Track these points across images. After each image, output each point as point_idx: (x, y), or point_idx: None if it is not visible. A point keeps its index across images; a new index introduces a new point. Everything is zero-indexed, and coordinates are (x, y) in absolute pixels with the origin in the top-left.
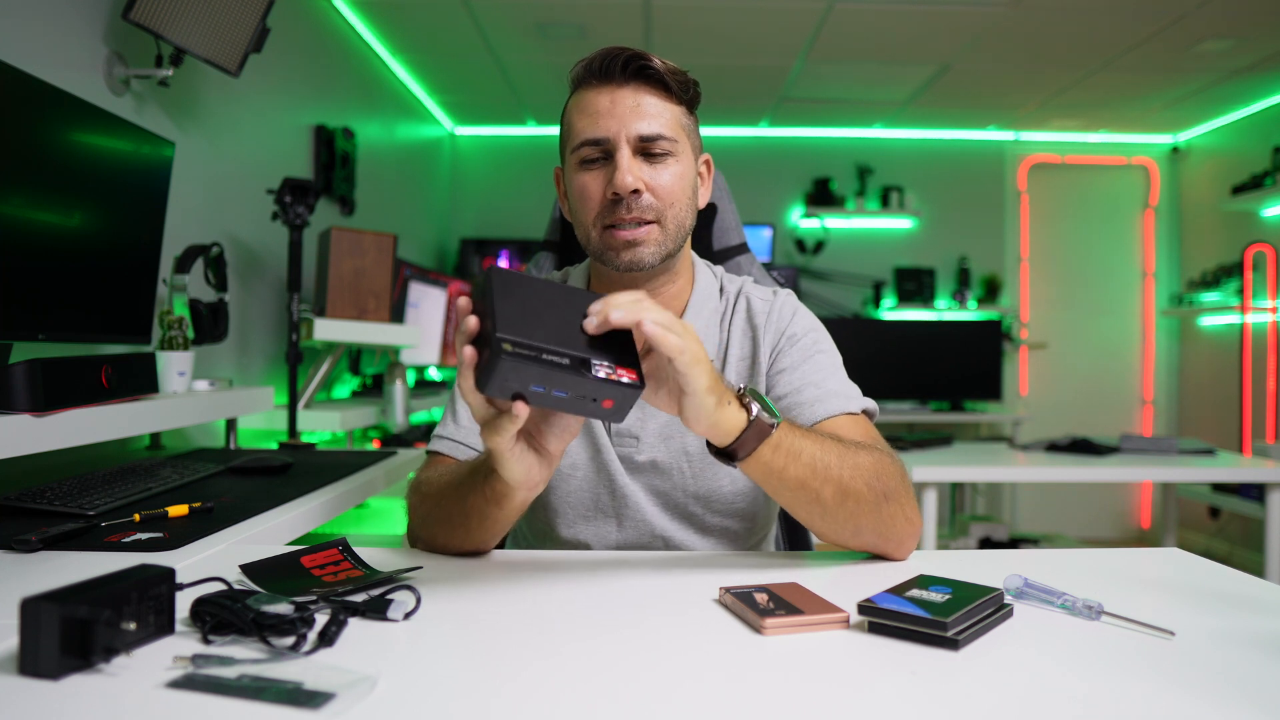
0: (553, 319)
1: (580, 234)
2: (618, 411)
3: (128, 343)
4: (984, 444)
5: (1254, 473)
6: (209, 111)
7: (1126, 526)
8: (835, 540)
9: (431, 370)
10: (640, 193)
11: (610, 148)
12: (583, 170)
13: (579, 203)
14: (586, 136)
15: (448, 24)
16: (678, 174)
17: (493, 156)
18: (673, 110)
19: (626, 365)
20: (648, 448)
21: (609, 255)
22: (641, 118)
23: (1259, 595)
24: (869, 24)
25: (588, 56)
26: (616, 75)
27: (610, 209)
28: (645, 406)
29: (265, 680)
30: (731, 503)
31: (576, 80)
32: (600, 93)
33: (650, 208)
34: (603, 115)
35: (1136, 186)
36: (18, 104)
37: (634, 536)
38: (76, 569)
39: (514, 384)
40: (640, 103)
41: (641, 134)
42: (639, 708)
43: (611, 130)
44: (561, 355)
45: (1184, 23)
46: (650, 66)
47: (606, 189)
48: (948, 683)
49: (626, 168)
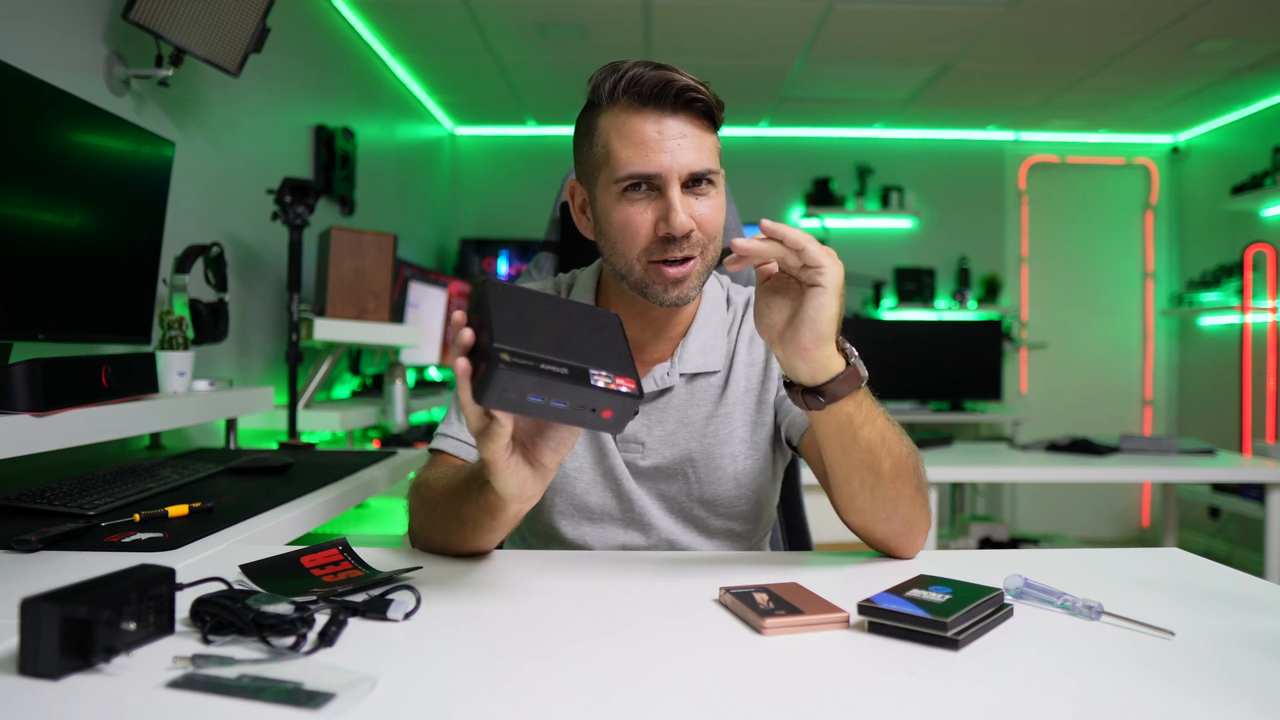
0: (550, 330)
1: (618, 264)
2: (617, 422)
3: (128, 343)
4: (984, 444)
5: (1254, 473)
6: (209, 111)
7: (1126, 526)
8: (865, 518)
9: (431, 370)
10: (691, 231)
11: (660, 184)
12: (626, 202)
13: (621, 234)
14: (635, 170)
15: (448, 24)
16: (718, 205)
17: (493, 156)
18: (712, 139)
19: (624, 375)
20: (652, 453)
21: (654, 290)
22: (689, 152)
23: (1259, 595)
24: (869, 24)
25: (628, 71)
26: (667, 104)
27: (660, 247)
28: (651, 413)
29: (265, 680)
30: (735, 506)
31: (613, 94)
32: (646, 120)
33: (698, 243)
34: (652, 149)
35: (1136, 186)
36: (18, 104)
37: (639, 540)
38: (76, 569)
39: (512, 394)
40: (687, 134)
41: (694, 171)
42: (639, 708)
43: (664, 166)
44: (560, 365)
45: (1184, 23)
46: (699, 97)
47: (657, 226)
48: (948, 683)
49: (680, 207)
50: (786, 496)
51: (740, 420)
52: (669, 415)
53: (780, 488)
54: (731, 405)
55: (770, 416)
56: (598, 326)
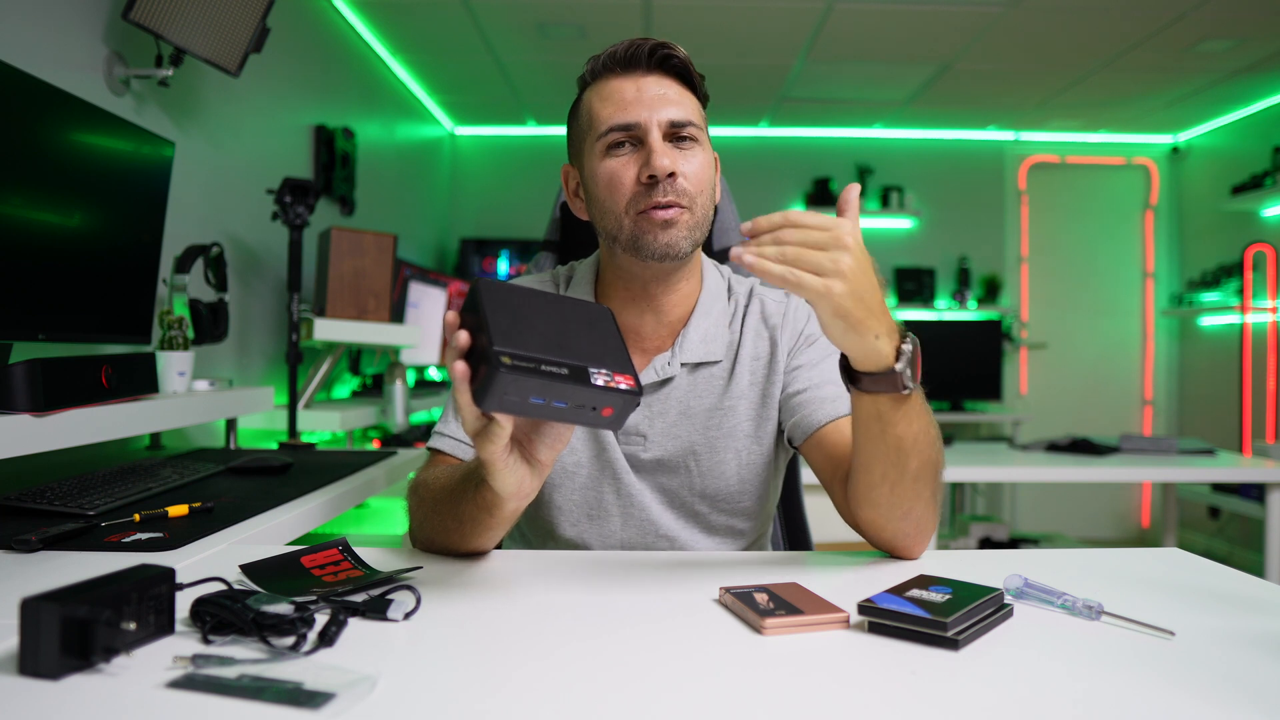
0: (545, 328)
1: (608, 224)
2: (617, 419)
3: (128, 343)
4: (984, 444)
5: (1254, 473)
6: (209, 111)
7: (1126, 526)
8: (879, 514)
9: (431, 370)
10: (675, 176)
11: (640, 133)
12: (610, 157)
13: (608, 191)
14: (615, 122)
15: (448, 24)
16: (704, 162)
17: (493, 156)
18: (693, 100)
19: (623, 372)
20: (654, 445)
21: (645, 240)
22: (669, 104)
23: (1259, 595)
24: (869, 24)
25: (608, 48)
26: (642, 63)
27: (645, 193)
28: (653, 404)
29: (265, 680)
30: (738, 501)
31: (595, 71)
32: (625, 80)
33: (684, 192)
34: (630, 102)
35: (1136, 186)
36: (18, 104)
37: (637, 536)
38: (76, 569)
39: (513, 397)
40: (666, 91)
41: (672, 119)
42: (639, 708)
43: (642, 116)
44: (560, 365)
45: (1184, 23)
46: (675, 56)
47: (640, 173)
48: (948, 683)
49: (661, 150)
50: (786, 496)
51: (745, 414)
52: (670, 406)
53: (781, 486)
54: (736, 398)
55: (774, 412)
56: (592, 322)
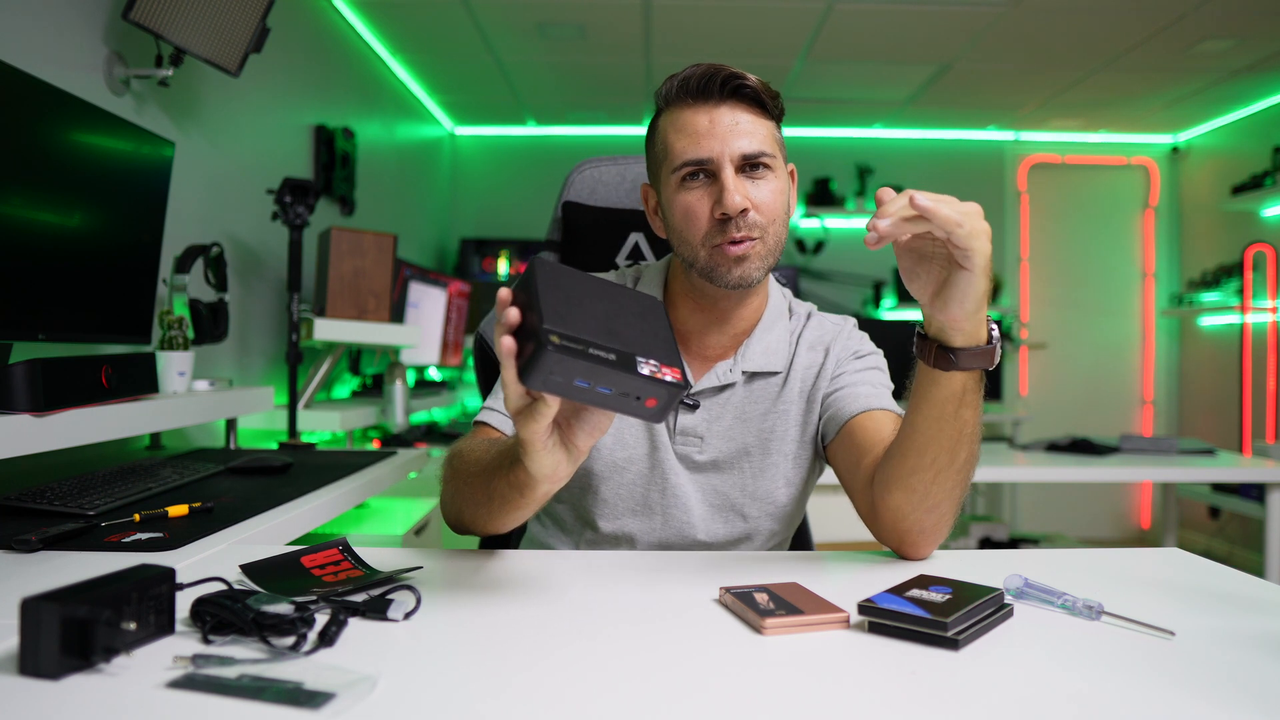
0: (598, 313)
1: (685, 252)
2: (660, 411)
3: (128, 343)
4: (984, 444)
5: (1254, 473)
6: (209, 111)
7: (1126, 526)
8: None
9: (431, 370)
10: (747, 211)
11: (714, 168)
12: (685, 190)
13: (684, 222)
14: (689, 157)
15: (448, 24)
16: (777, 190)
17: (493, 156)
18: (767, 126)
19: (670, 364)
20: (710, 447)
21: (719, 273)
22: (741, 136)
23: (1259, 595)
24: (869, 24)
25: (679, 74)
26: (714, 94)
27: (719, 229)
28: (711, 408)
29: (265, 680)
30: (784, 505)
31: (668, 97)
32: (698, 112)
33: (755, 225)
34: (703, 135)
35: (1136, 186)
36: (18, 104)
37: (675, 536)
38: (76, 569)
39: (558, 377)
40: (738, 121)
41: (744, 153)
42: (639, 708)
43: (714, 150)
44: (608, 350)
45: (1184, 23)
46: (746, 85)
47: (714, 209)
48: (948, 683)
49: (733, 188)
50: None
51: (794, 419)
52: (728, 411)
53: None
54: (788, 404)
55: (816, 416)
56: (643, 312)
